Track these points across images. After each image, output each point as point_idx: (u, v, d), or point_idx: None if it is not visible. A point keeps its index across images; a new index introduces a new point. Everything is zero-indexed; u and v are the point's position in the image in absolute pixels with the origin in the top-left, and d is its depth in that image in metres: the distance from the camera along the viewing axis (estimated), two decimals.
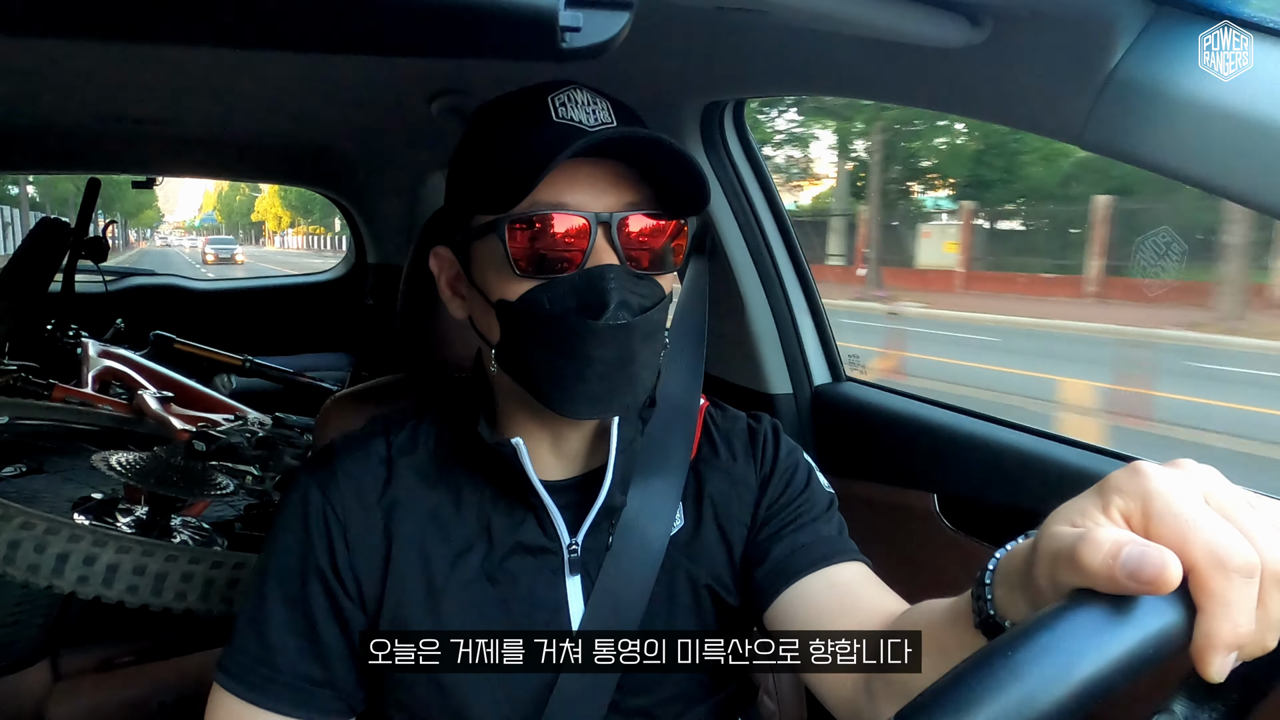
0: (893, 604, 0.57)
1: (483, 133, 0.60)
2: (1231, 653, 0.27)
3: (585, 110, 0.56)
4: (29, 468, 2.17)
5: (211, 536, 1.67)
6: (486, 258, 0.58)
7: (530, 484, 0.60)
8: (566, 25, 0.36)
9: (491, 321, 0.59)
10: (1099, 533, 0.29)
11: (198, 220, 63.49)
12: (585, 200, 0.55)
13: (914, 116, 11.39)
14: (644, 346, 0.57)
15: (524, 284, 0.56)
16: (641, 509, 0.62)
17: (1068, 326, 8.58)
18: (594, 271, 0.55)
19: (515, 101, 0.58)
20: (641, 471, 0.63)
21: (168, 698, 1.39)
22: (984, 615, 0.38)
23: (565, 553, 0.61)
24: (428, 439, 0.64)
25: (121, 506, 1.71)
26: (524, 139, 0.55)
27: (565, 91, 0.56)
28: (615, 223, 0.55)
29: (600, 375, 0.55)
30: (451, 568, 0.60)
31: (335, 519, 0.60)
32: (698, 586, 0.64)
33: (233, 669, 0.58)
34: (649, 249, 0.57)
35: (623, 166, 0.56)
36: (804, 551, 0.62)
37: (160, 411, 2.06)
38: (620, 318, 0.54)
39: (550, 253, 0.55)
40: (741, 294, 1.24)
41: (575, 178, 0.55)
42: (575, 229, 0.54)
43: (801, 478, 0.67)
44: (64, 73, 1.32)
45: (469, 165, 0.60)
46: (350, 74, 1.31)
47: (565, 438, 0.63)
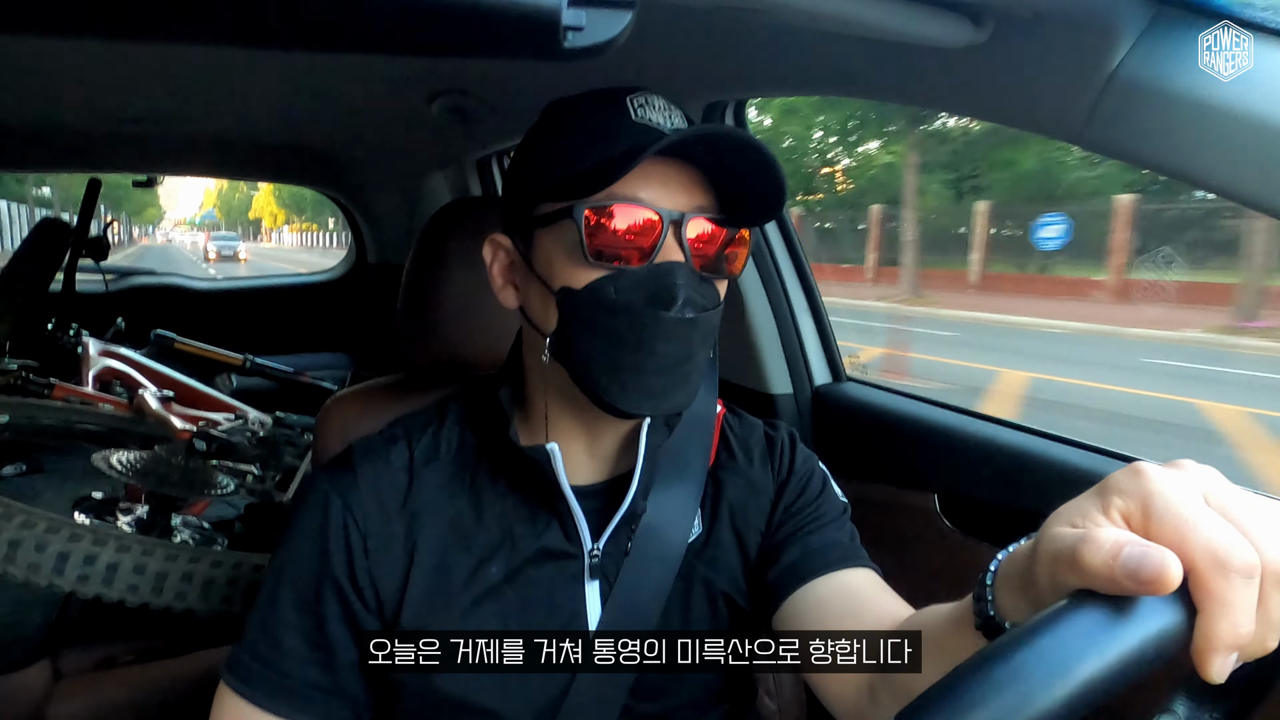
0: (900, 610, 0.57)
1: (559, 124, 0.60)
2: (1232, 654, 0.27)
3: (662, 114, 0.57)
4: (29, 467, 2.17)
5: (212, 536, 1.67)
6: (553, 244, 0.58)
7: (559, 489, 0.59)
8: (569, 25, 0.36)
9: (549, 310, 0.58)
10: (1099, 533, 0.29)
11: (198, 217, 63.69)
12: (658, 198, 0.55)
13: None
14: (700, 347, 0.57)
15: (592, 272, 0.56)
16: (661, 515, 0.62)
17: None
18: (663, 266, 0.55)
19: (592, 99, 0.59)
20: (663, 477, 0.63)
21: (168, 698, 1.39)
22: (985, 617, 0.38)
23: (587, 558, 0.61)
24: (450, 444, 0.64)
25: (122, 506, 1.71)
26: (607, 133, 0.56)
27: (642, 94, 0.58)
28: (686, 222, 0.55)
29: (658, 370, 0.55)
30: (472, 575, 0.60)
31: (356, 528, 0.59)
32: (714, 593, 0.64)
33: (241, 671, 0.58)
34: (713, 252, 0.58)
35: (692, 170, 0.57)
36: (816, 555, 0.62)
37: (161, 411, 2.06)
38: (687, 312, 0.55)
39: (622, 244, 0.55)
40: (742, 294, 1.24)
41: (650, 177, 0.55)
42: (649, 224, 0.55)
43: (816, 484, 0.68)
44: (64, 73, 1.32)
45: (543, 153, 0.60)
46: (350, 74, 1.32)
47: (601, 439, 0.63)
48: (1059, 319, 8.68)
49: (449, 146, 1.80)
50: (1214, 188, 0.59)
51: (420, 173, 2.23)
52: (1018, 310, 9.15)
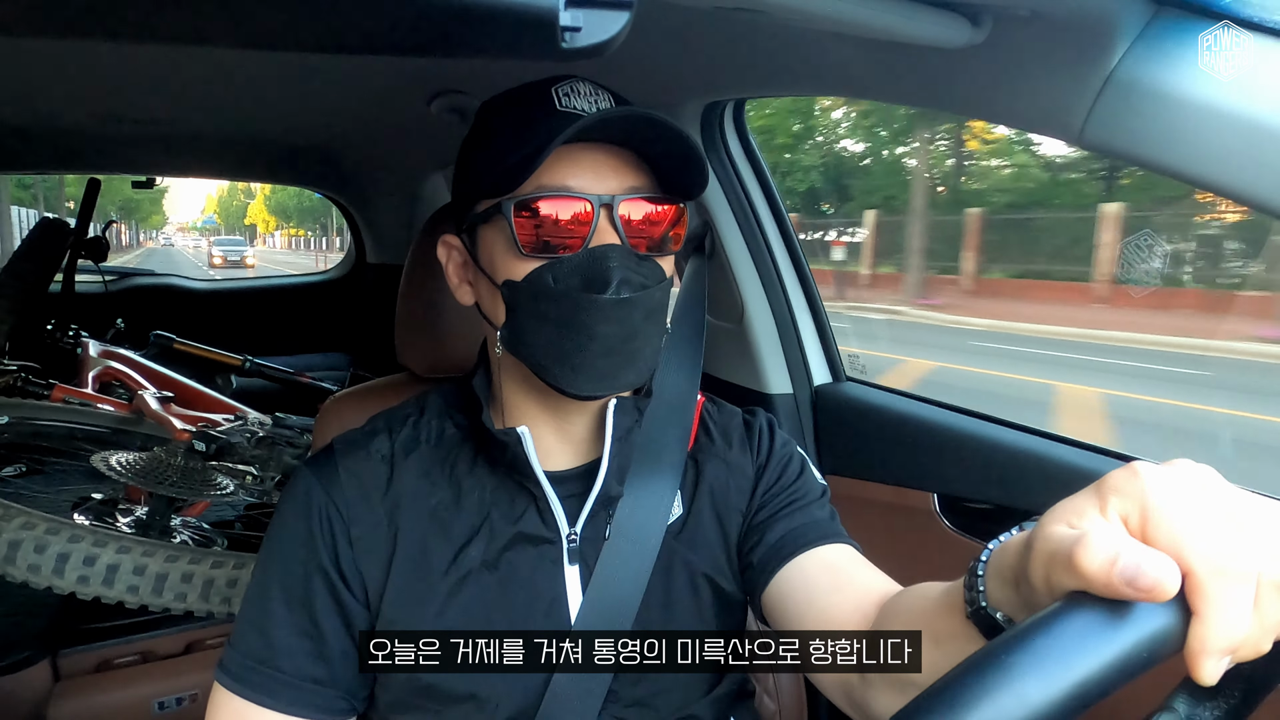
0: (884, 584, 0.58)
1: (489, 122, 0.61)
2: (1225, 658, 0.27)
3: (588, 100, 0.58)
4: (29, 468, 2.17)
5: (212, 536, 1.67)
6: (493, 241, 0.59)
7: (532, 474, 0.60)
8: (567, 25, 0.36)
9: (498, 304, 0.60)
10: (1096, 537, 0.28)
11: (199, 222, 64.25)
12: (588, 184, 0.56)
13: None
14: (646, 324, 0.58)
15: (529, 264, 0.57)
16: (639, 499, 0.63)
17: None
18: (597, 250, 0.56)
19: (520, 93, 0.60)
20: (638, 462, 0.64)
21: (168, 698, 1.39)
22: (976, 606, 0.38)
23: (565, 543, 0.62)
24: (429, 434, 0.65)
25: (121, 507, 1.71)
26: (529, 125, 0.57)
27: (569, 83, 0.58)
28: (617, 205, 0.56)
29: (604, 351, 0.56)
30: (453, 562, 0.60)
31: (339, 517, 0.60)
32: (695, 575, 0.64)
33: (234, 669, 0.58)
34: (649, 231, 0.58)
35: (623, 152, 0.58)
36: (798, 532, 0.63)
37: (160, 411, 2.05)
38: (623, 293, 0.56)
39: (554, 233, 0.56)
40: (741, 294, 1.24)
41: (578, 162, 0.56)
42: (578, 211, 0.56)
43: (795, 467, 0.69)
44: (64, 73, 1.32)
45: (475, 153, 0.61)
46: (350, 74, 1.31)
47: (569, 423, 0.64)
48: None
49: (449, 146, 1.78)
50: (1214, 188, 0.59)
51: (420, 173, 2.23)
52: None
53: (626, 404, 0.62)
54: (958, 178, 13.09)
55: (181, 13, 0.35)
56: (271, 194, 42.05)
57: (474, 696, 0.58)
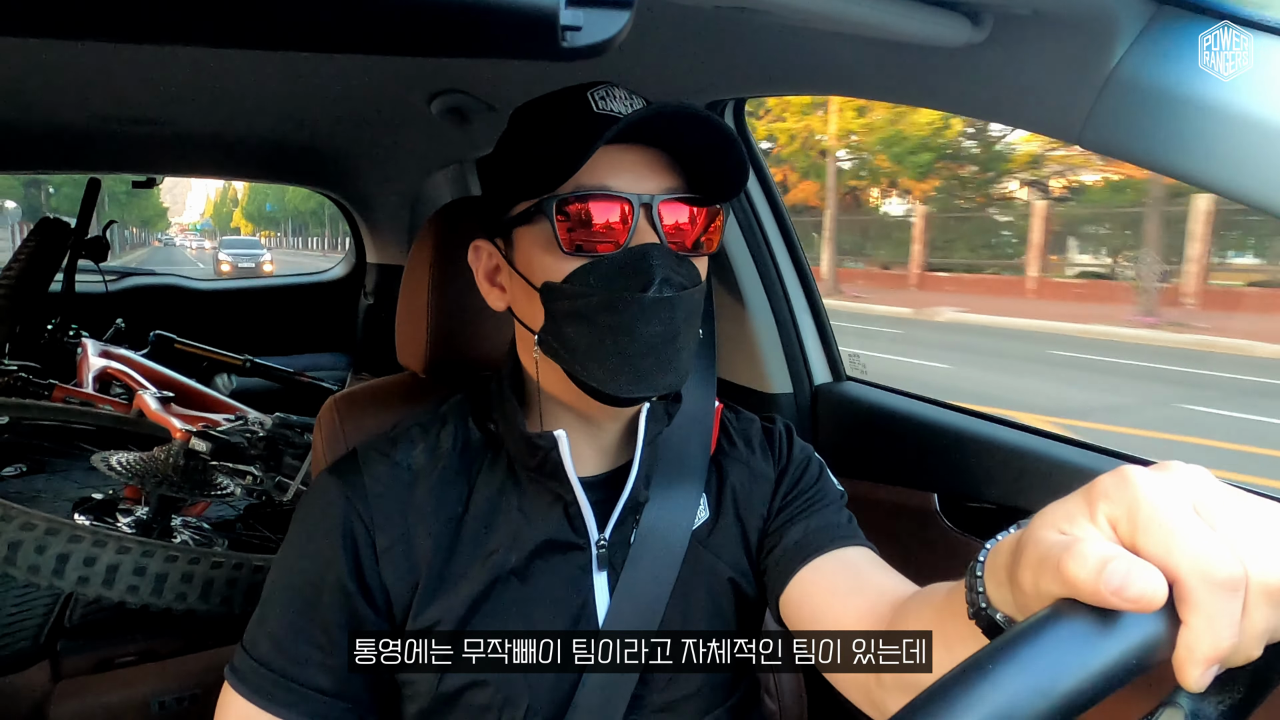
0: (901, 586, 0.58)
1: (525, 125, 0.61)
2: (1214, 665, 0.27)
3: (623, 103, 0.58)
4: (29, 468, 2.17)
5: (212, 536, 1.67)
6: (531, 242, 0.59)
7: (565, 479, 0.60)
8: (567, 24, 0.36)
9: (535, 306, 0.59)
10: (1085, 546, 0.28)
11: (198, 225, 64.95)
12: (627, 184, 0.56)
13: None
14: (685, 326, 0.58)
15: (570, 264, 0.57)
16: (665, 503, 0.63)
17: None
18: (637, 249, 0.56)
19: (555, 98, 0.60)
20: (664, 468, 0.64)
21: (168, 698, 1.39)
22: (977, 608, 0.38)
23: (594, 549, 0.62)
24: (455, 441, 0.64)
25: (122, 507, 1.71)
26: (567, 127, 0.57)
27: (604, 87, 0.59)
28: (656, 205, 0.56)
29: (644, 352, 0.56)
30: (481, 570, 0.60)
31: (363, 529, 0.60)
32: (720, 579, 0.65)
33: (246, 673, 0.58)
34: (687, 232, 0.58)
35: (659, 153, 0.58)
36: (817, 534, 0.63)
37: (160, 411, 2.05)
38: (665, 291, 0.55)
39: (595, 233, 0.56)
40: (742, 294, 1.24)
41: (618, 164, 0.57)
42: (619, 210, 0.56)
43: (814, 471, 0.70)
44: (64, 73, 1.32)
45: (512, 155, 0.61)
46: (350, 74, 1.32)
47: (601, 429, 0.64)
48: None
49: (449, 146, 1.80)
50: (1213, 188, 0.59)
51: (420, 173, 2.23)
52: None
53: (658, 409, 0.62)
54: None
55: (181, 13, 0.35)
56: (249, 202, 46.25)
57: (501, 704, 0.58)
